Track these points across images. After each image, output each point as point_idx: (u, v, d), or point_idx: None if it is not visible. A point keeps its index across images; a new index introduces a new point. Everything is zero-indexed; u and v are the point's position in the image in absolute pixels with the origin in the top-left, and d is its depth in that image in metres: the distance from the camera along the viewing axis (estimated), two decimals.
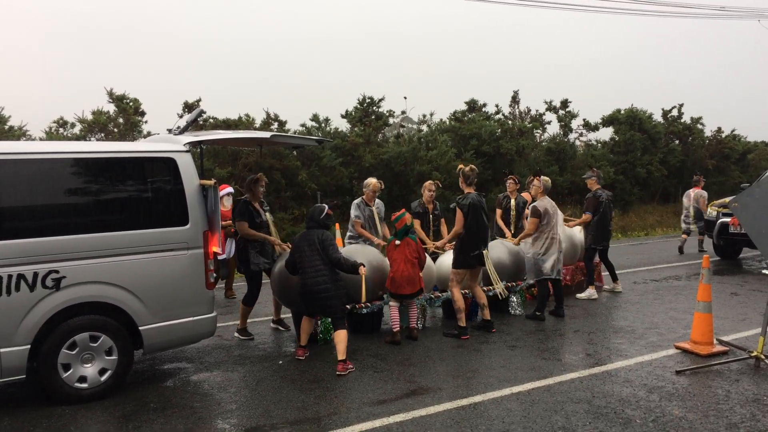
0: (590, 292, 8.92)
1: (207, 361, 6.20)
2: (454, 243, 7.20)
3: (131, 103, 14.56)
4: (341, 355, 5.78)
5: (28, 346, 4.79)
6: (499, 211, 9.39)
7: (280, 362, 6.11)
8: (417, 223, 8.23)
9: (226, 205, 8.85)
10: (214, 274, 5.76)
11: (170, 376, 5.76)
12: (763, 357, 5.54)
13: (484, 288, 7.46)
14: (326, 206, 6.35)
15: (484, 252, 6.95)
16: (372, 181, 8.02)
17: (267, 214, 7.18)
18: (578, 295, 8.96)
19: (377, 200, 8.10)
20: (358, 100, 17.00)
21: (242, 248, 6.91)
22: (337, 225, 11.26)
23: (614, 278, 9.34)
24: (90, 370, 5.06)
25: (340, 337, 5.87)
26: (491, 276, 7.33)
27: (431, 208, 8.25)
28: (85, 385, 5.03)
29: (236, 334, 7.11)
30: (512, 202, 9.18)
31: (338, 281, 6.06)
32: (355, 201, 8.04)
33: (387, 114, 17.38)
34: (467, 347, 6.49)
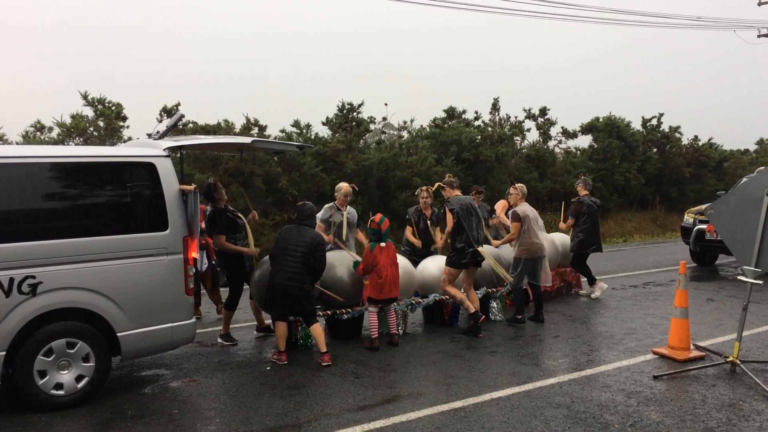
0: (590, 290, 9.36)
1: (186, 368, 6.14)
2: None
3: (113, 108, 14.40)
4: (323, 347, 6.06)
5: (4, 353, 4.71)
6: None
7: (268, 368, 6.06)
8: (408, 230, 8.24)
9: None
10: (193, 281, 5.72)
11: (148, 383, 5.70)
12: (738, 362, 5.62)
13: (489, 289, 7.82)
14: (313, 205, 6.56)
15: (479, 249, 7.11)
16: (343, 185, 7.74)
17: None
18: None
19: (349, 207, 7.82)
20: (338, 106, 16.95)
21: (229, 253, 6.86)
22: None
23: (591, 283, 9.51)
24: (66, 377, 4.99)
25: (318, 331, 6.15)
26: (497, 271, 7.60)
27: (429, 214, 8.22)
28: (61, 392, 4.95)
29: (219, 340, 7.04)
30: None
31: (310, 282, 6.27)
32: (327, 204, 7.73)
33: (368, 120, 17.36)
34: (447, 353, 6.50)
